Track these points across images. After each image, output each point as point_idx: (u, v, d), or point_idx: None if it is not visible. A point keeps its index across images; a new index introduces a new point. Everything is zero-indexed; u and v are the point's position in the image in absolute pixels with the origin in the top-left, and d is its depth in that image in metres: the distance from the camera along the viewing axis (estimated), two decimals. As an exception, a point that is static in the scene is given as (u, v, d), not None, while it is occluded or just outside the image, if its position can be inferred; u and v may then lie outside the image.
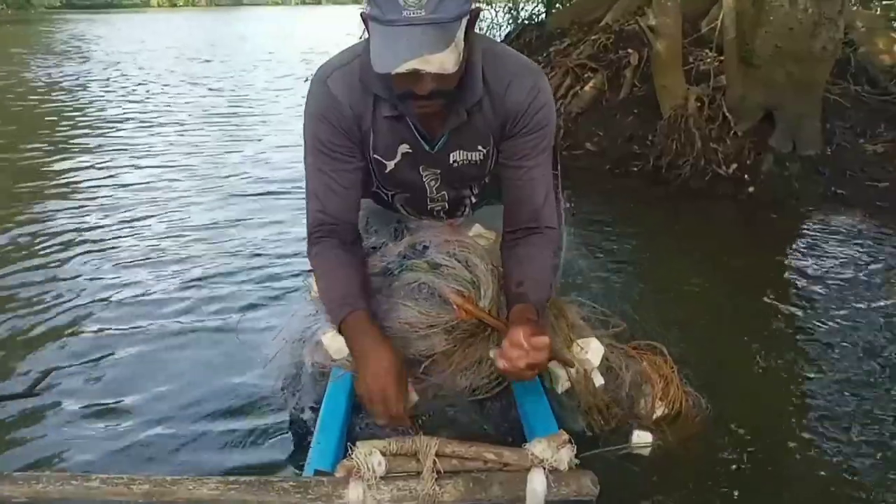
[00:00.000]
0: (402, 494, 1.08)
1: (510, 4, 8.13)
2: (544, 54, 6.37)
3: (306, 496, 1.07)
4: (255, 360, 1.96)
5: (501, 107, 1.44)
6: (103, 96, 8.16)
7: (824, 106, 4.40)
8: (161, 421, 1.84)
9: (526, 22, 7.74)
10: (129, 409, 1.91)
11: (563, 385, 1.54)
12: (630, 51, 5.38)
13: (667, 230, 3.62)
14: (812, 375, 2.10)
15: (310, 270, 1.62)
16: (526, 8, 8.12)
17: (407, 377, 1.38)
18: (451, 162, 1.53)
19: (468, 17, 1.24)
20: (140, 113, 6.96)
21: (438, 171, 1.57)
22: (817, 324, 2.45)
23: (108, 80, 9.68)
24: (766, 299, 2.66)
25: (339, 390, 1.46)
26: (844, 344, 2.28)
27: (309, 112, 1.47)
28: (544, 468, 1.11)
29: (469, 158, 1.54)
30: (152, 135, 5.90)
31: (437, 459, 1.10)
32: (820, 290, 2.75)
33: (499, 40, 7.79)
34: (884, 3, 7.48)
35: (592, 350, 1.54)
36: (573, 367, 1.52)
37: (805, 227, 3.55)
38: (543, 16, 7.68)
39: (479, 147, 1.52)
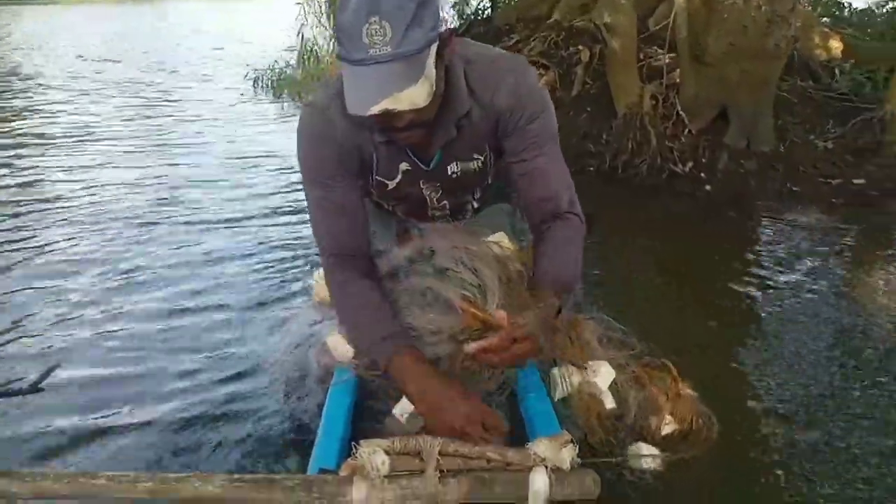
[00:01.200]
0: (406, 493, 1.08)
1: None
2: (493, 51, 6.28)
3: (311, 494, 1.07)
4: (259, 363, 2.05)
5: (490, 111, 1.41)
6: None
7: (775, 103, 4.44)
8: (165, 422, 1.88)
9: (472, 17, 7.64)
10: (133, 410, 1.94)
11: (559, 393, 1.53)
12: (580, 48, 5.34)
13: (628, 229, 3.57)
14: (792, 379, 2.08)
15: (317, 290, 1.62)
16: (471, 3, 8.00)
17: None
18: (449, 174, 1.52)
19: (437, 42, 1.20)
20: (54, 124, 6.42)
21: (438, 184, 1.56)
22: (789, 322, 2.46)
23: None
24: (732, 298, 2.66)
25: (342, 391, 1.46)
26: (828, 341, 2.30)
27: (308, 139, 1.43)
28: (546, 468, 1.10)
29: (467, 168, 1.52)
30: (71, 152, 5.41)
31: (440, 458, 1.10)
32: (786, 287, 2.76)
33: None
34: (812, -1, 7.68)
35: (602, 374, 1.52)
36: (583, 367, 1.52)
37: (764, 224, 3.57)
38: (489, 11, 7.59)
39: (475, 155, 1.50)
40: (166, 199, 3.92)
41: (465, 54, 1.38)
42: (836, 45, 6.25)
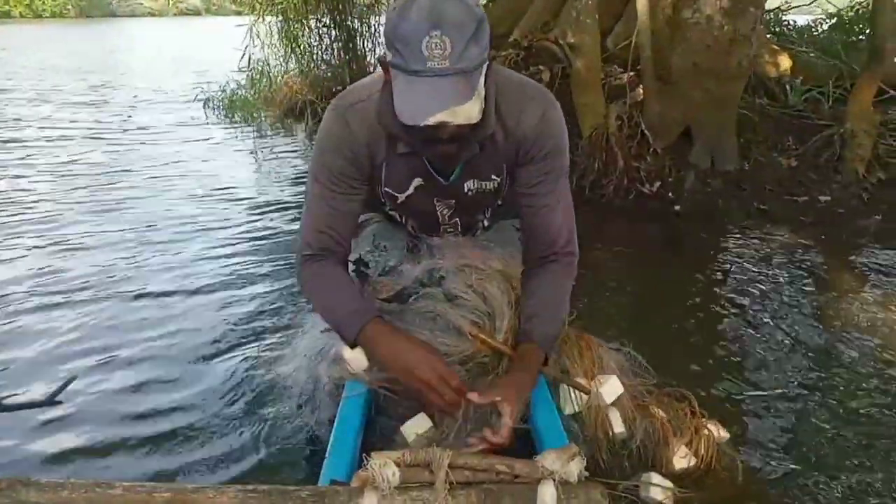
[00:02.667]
0: None
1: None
2: (452, 71, 6.20)
3: None
4: (272, 377, 2.05)
5: (513, 136, 1.44)
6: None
7: (736, 121, 4.45)
8: (180, 435, 1.90)
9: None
10: (148, 423, 1.96)
11: (569, 409, 1.60)
12: (541, 67, 5.29)
13: (600, 252, 3.49)
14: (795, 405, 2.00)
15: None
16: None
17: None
18: (465, 191, 1.55)
19: (487, 62, 1.24)
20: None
21: (453, 202, 1.59)
22: (770, 347, 2.40)
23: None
24: (712, 325, 2.60)
25: (354, 404, 1.50)
26: (811, 368, 2.22)
27: (323, 141, 1.47)
28: (554, 480, 1.11)
29: (483, 187, 1.55)
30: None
31: (449, 471, 1.12)
32: (765, 310, 2.72)
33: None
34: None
35: (608, 386, 1.59)
36: (588, 392, 1.58)
37: (737, 245, 3.52)
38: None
39: (493, 176, 1.53)
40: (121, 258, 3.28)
41: (495, 76, 1.40)
42: (785, 61, 6.37)
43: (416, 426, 1.45)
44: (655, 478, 1.55)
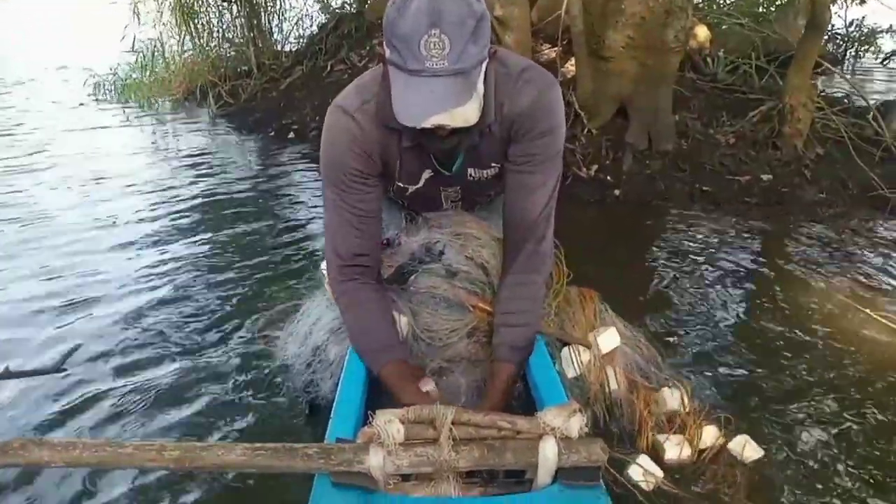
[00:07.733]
0: (420, 460, 1.12)
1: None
2: (367, 48, 5.82)
3: (329, 461, 1.09)
4: (278, 346, 1.98)
5: (507, 119, 1.42)
6: None
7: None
8: (186, 400, 1.92)
9: (338, 11, 7.07)
10: (156, 388, 1.98)
11: (571, 372, 1.61)
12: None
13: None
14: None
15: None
16: (336, -3, 7.43)
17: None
18: (468, 178, 1.57)
19: (486, 60, 1.22)
20: None
21: (459, 188, 1.61)
22: (728, 339, 2.26)
23: None
24: (666, 320, 2.38)
25: (358, 364, 1.51)
26: (774, 358, 2.00)
27: (333, 143, 1.44)
28: (555, 436, 1.13)
29: (484, 175, 1.55)
30: None
31: (453, 427, 1.13)
32: (717, 299, 2.54)
33: (314, 32, 7.06)
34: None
35: (606, 335, 1.62)
36: (588, 346, 1.61)
37: (684, 230, 3.30)
38: (355, 5, 7.04)
39: (493, 164, 1.53)
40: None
41: (496, 65, 1.36)
42: (702, 32, 6.26)
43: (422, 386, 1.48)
44: (646, 461, 1.53)
